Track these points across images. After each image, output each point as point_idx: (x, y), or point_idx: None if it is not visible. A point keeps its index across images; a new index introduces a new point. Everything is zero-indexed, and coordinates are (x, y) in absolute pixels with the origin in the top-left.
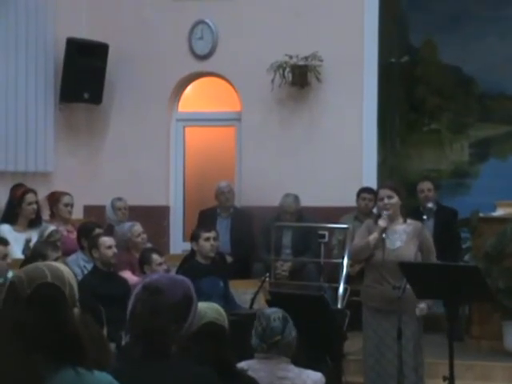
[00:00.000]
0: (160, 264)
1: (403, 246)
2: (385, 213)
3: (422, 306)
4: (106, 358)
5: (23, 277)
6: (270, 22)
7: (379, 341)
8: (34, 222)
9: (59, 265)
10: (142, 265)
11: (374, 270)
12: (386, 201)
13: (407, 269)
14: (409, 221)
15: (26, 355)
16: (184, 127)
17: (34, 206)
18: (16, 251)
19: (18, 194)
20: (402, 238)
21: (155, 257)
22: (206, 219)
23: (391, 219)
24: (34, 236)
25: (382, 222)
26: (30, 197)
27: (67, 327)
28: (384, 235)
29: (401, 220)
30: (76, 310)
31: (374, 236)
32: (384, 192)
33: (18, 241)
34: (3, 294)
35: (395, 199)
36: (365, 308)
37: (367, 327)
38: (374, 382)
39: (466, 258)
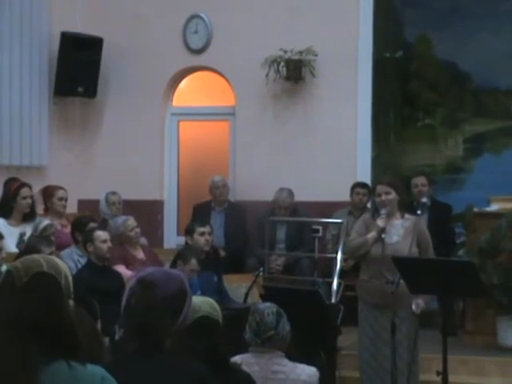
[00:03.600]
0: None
1: (400, 241)
2: (382, 211)
3: (419, 301)
4: (99, 352)
5: (19, 266)
6: (265, 17)
7: (375, 336)
8: (29, 216)
9: (55, 257)
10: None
11: (371, 265)
12: (383, 197)
13: (401, 263)
14: (407, 216)
15: (20, 345)
16: (178, 121)
17: (29, 201)
18: (10, 245)
19: (13, 188)
20: (400, 232)
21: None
22: (200, 213)
23: (389, 215)
24: (28, 230)
25: (380, 222)
26: (25, 191)
27: (62, 316)
28: (383, 235)
29: (399, 215)
30: (71, 302)
31: (372, 235)
32: (381, 188)
33: (12, 235)
34: None
35: (393, 195)
36: (361, 302)
37: (363, 322)
38: (369, 377)
39: (460, 253)
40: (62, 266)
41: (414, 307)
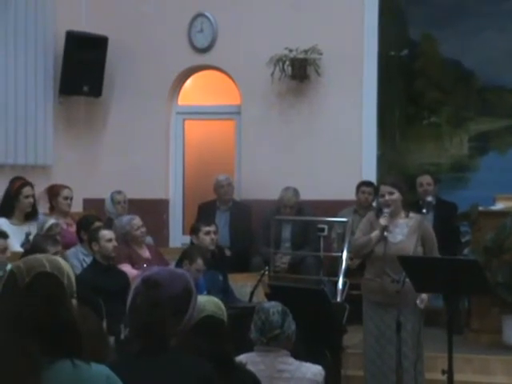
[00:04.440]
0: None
1: (405, 240)
2: (385, 210)
3: (424, 296)
4: (104, 351)
5: (22, 266)
6: (270, 16)
7: (380, 334)
8: (31, 215)
9: (57, 257)
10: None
11: (375, 264)
12: (386, 197)
13: (406, 262)
14: (411, 214)
15: (23, 345)
16: (184, 120)
17: (31, 200)
18: (14, 244)
19: (15, 187)
20: (404, 231)
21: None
22: (205, 213)
23: (392, 215)
24: (32, 229)
25: (382, 221)
26: (26, 190)
27: (65, 316)
28: (385, 233)
29: (403, 214)
30: (74, 302)
31: (375, 233)
32: (385, 188)
33: (14, 234)
34: (2, 283)
35: (396, 195)
36: (365, 301)
37: (368, 321)
38: (374, 376)
39: (466, 251)
40: (64, 265)
41: (418, 302)
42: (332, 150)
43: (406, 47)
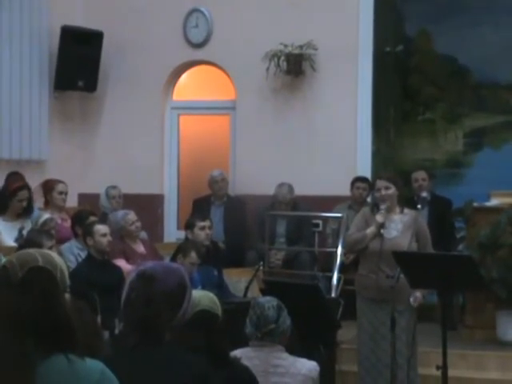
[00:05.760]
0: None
1: (399, 236)
2: (382, 207)
3: (417, 294)
4: (98, 346)
5: (15, 261)
6: (265, 11)
7: (374, 330)
8: (24, 212)
9: (50, 251)
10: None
11: (369, 260)
12: (383, 192)
13: (401, 258)
14: (406, 210)
15: (17, 341)
16: (178, 115)
17: (24, 204)
18: (6, 240)
19: (12, 188)
20: (399, 227)
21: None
22: (199, 208)
23: (388, 211)
24: (25, 225)
25: (379, 218)
26: (22, 194)
27: (58, 310)
28: (382, 230)
29: (398, 210)
30: (67, 296)
31: (371, 230)
32: (381, 183)
33: (7, 230)
34: None
35: (392, 190)
36: (359, 297)
37: (361, 317)
38: (368, 371)
39: (460, 247)
40: (57, 259)
41: (411, 300)
42: (327, 145)
43: (402, 43)
